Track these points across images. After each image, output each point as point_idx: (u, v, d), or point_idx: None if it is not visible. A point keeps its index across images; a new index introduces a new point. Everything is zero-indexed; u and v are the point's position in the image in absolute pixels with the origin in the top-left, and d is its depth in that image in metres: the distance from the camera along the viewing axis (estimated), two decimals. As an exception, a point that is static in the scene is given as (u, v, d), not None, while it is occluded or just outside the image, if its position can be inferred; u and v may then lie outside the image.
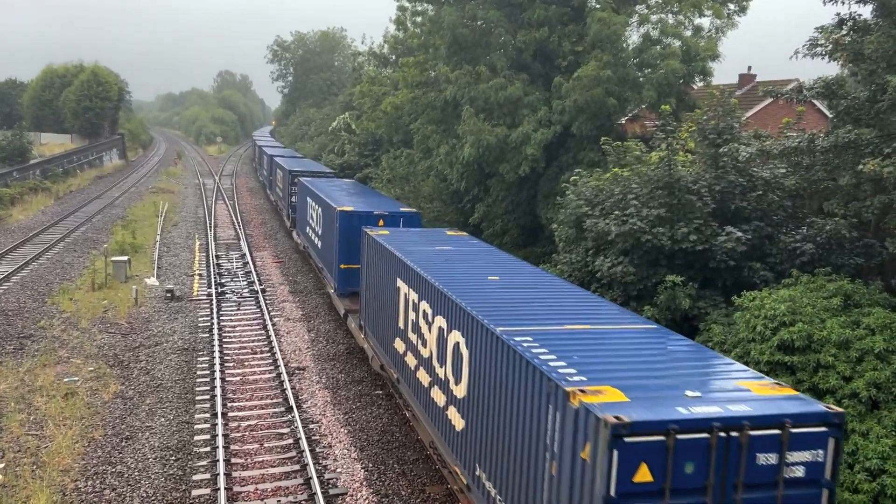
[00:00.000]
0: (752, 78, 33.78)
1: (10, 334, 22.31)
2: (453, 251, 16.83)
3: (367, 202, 25.37)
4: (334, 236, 22.90)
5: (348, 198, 26.16)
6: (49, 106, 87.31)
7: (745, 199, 17.80)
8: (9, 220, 42.99)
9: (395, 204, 26.00)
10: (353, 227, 21.63)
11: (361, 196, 28.15)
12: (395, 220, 22.39)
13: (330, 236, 23.97)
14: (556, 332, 10.38)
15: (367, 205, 24.25)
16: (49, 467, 14.37)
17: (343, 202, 24.28)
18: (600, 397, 7.81)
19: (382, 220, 22.02)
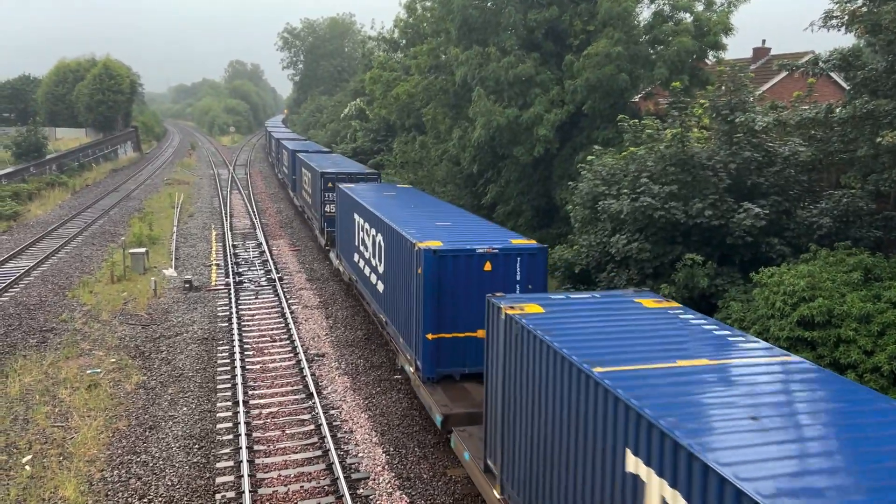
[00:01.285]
0: (767, 51, 33.37)
1: (33, 328, 22.58)
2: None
3: (457, 231, 17.01)
4: (416, 287, 15.29)
5: (423, 221, 18.11)
6: (63, 101, 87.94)
7: (761, 175, 17.64)
8: (27, 216, 43.39)
9: (501, 233, 17.22)
10: (448, 273, 14.70)
11: (439, 215, 19.52)
12: (508, 260, 14.96)
13: (405, 283, 16.27)
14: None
15: (462, 235, 16.25)
16: (75, 458, 14.58)
17: (423, 231, 16.50)
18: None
19: (490, 263, 14.87)
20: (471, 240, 15.68)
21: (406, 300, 16.26)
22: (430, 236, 15.77)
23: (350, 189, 24.37)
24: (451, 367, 15.03)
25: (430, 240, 15.35)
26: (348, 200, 23.32)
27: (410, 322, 15.87)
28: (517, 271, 14.90)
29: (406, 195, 23.95)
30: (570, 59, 24.53)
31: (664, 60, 23.64)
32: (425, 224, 17.59)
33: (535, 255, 15.14)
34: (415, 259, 15.25)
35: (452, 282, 14.66)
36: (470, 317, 14.63)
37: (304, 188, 38.20)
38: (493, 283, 14.50)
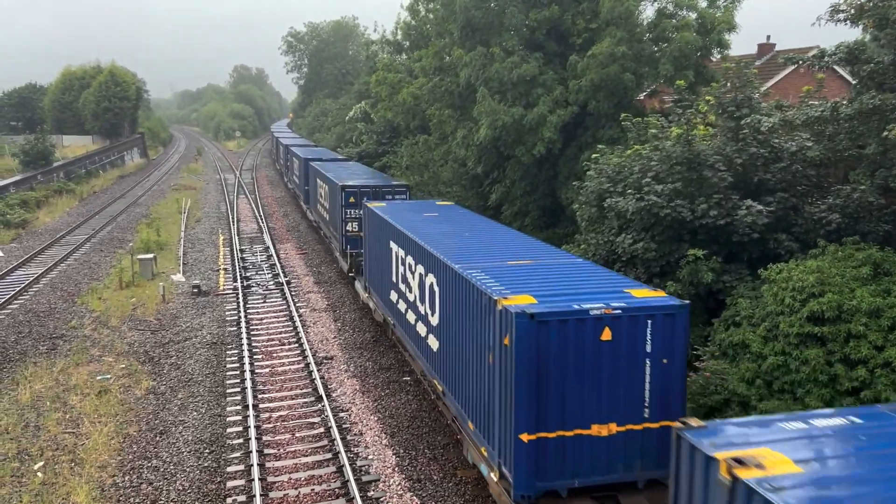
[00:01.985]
0: (772, 47, 33.28)
1: (43, 335, 22.68)
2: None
3: (547, 276, 12.79)
4: (502, 363, 11.00)
5: (490, 257, 14.26)
6: (69, 108, 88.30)
7: (768, 171, 17.57)
8: (36, 223, 43.59)
9: (610, 278, 12.88)
10: (550, 345, 10.56)
11: (506, 247, 15.57)
12: (635, 324, 10.83)
13: (477, 350, 12.12)
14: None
15: (556, 284, 12.18)
16: (87, 464, 14.63)
17: (498, 276, 12.39)
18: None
19: (609, 329, 10.74)
20: (573, 292, 11.51)
21: (482, 377, 11.89)
22: (513, 285, 11.76)
23: (382, 210, 20.15)
24: (557, 479, 10.75)
25: (517, 293, 11.23)
26: (380, 224, 19.48)
27: (491, 411, 11.54)
28: (647, 340, 10.76)
29: (453, 216, 19.78)
30: (574, 58, 24.49)
31: (668, 57, 23.58)
32: (495, 263, 13.60)
33: (674, 317, 10.86)
34: (497, 322, 10.97)
35: (558, 357, 10.54)
36: (581, 406, 10.71)
37: (321, 202, 33.82)
38: (613, 357, 10.70)
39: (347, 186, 26.96)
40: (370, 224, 21.26)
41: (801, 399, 12.58)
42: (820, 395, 12.41)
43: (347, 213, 26.74)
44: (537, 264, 13.71)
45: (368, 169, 36.89)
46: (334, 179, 28.92)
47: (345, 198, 26.80)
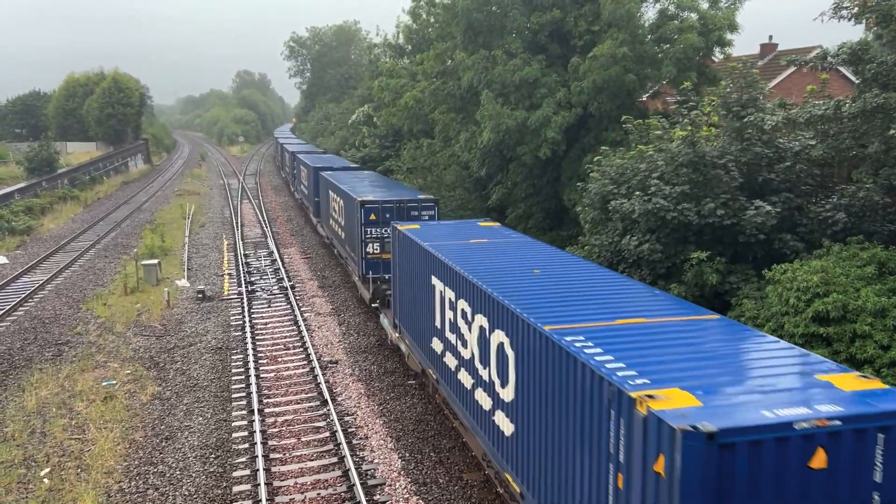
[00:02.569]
0: (774, 47, 33.26)
1: (49, 341, 22.73)
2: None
3: (716, 365, 8.15)
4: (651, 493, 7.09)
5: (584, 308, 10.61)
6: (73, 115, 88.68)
7: (772, 171, 17.55)
8: (40, 230, 43.71)
9: (786, 353, 8.52)
10: (738, 477, 6.67)
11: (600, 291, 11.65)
12: (861, 442, 6.86)
13: (592, 460, 8.33)
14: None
15: (727, 377, 7.83)
16: (93, 470, 14.65)
17: (622, 356, 8.42)
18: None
19: (824, 452, 6.86)
20: (745, 380, 7.76)
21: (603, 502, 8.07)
22: (646, 365, 8.05)
23: (416, 235, 16.63)
24: None
25: (659, 382, 7.55)
26: (416, 252, 16.16)
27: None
28: (876, 465, 6.89)
29: (506, 243, 16.12)
30: (576, 60, 24.50)
31: (671, 59, 23.59)
32: (599, 319, 9.85)
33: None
34: (637, 433, 7.26)
35: (744, 494, 6.71)
36: None
37: (334, 217, 30.56)
38: (828, 495, 6.86)
39: (367, 202, 23.58)
40: (401, 250, 17.81)
41: (807, 399, 12.53)
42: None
43: (368, 233, 23.59)
44: (666, 325, 9.49)
45: (387, 179, 33.39)
46: (350, 193, 25.37)
47: (364, 215, 23.57)
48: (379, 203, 23.62)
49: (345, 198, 26.80)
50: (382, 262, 23.09)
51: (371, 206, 23.60)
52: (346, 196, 26.23)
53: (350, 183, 29.20)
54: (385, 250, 22.68)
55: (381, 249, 23.41)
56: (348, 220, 26.20)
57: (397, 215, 23.17)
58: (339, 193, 28.47)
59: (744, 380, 7.76)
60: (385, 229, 23.08)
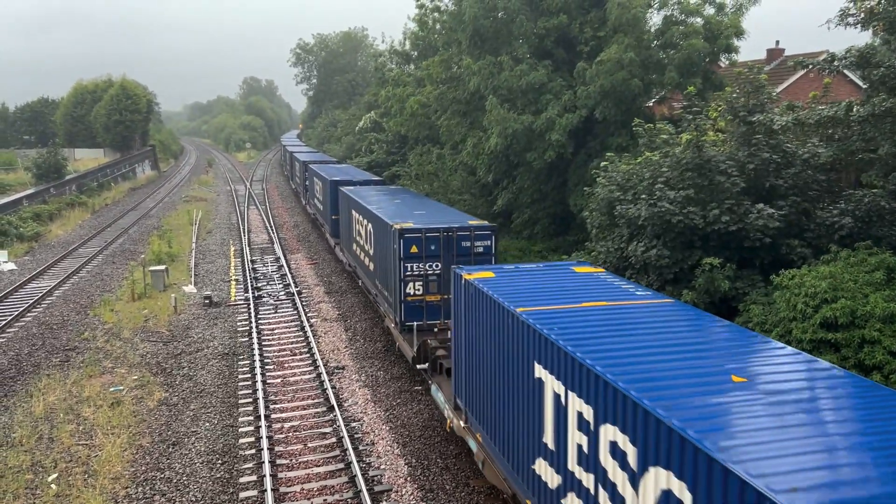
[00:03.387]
0: (781, 52, 33.19)
1: (56, 347, 22.80)
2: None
3: None
4: None
5: None
6: (81, 122, 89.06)
7: (779, 177, 17.51)
8: (49, 236, 43.89)
9: None
10: None
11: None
12: None
13: None
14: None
15: None
16: (100, 475, 14.66)
17: None
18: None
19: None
20: None
21: None
22: None
23: (496, 290, 11.84)
24: None
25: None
26: (502, 318, 11.34)
27: None
28: None
29: (639, 310, 10.77)
30: (582, 66, 24.52)
31: (676, 64, 23.59)
32: None
33: None
34: None
35: None
36: None
37: (359, 243, 25.75)
38: None
39: (407, 231, 18.98)
40: (471, 308, 12.83)
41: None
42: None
43: (408, 269, 18.99)
44: None
45: (423, 198, 27.98)
46: (383, 217, 20.95)
47: (403, 247, 18.92)
48: (422, 231, 19.01)
49: (375, 222, 22.25)
50: (427, 306, 18.80)
51: (412, 236, 18.95)
52: (377, 220, 21.72)
53: (379, 202, 24.88)
54: (430, 291, 18.88)
55: (425, 290, 18.99)
56: (380, 250, 21.50)
57: (445, 247, 18.97)
58: (365, 215, 23.92)
59: None
60: (431, 264, 19.03)
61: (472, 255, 18.85)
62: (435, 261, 18.94)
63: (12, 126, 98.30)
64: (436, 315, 19.00)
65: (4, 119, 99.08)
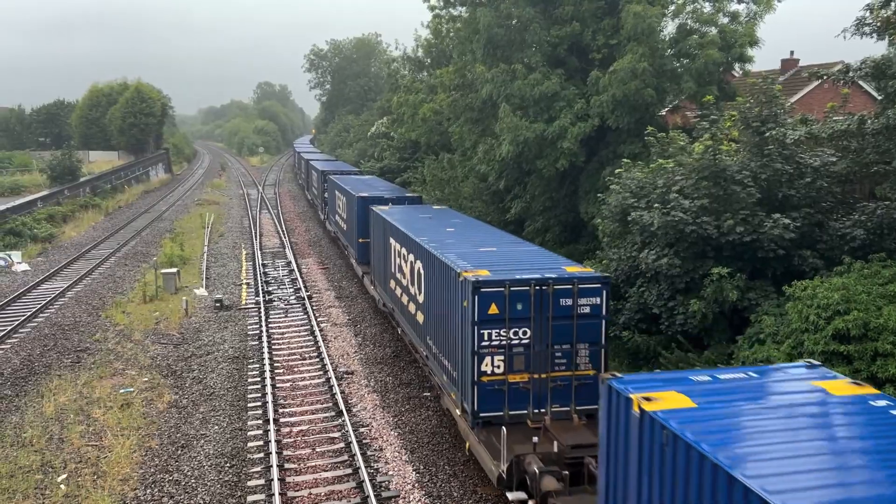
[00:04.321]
0: (796, 63, 33.06)
1: (68, 348, 22.92)
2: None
3: None
4: None
5: None
6: (96, 124, 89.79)
7: (792, 187, 17.42)
8: (62, 238, 44.19)
9: None
10: None
11: None
12: None
13: None
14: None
15: None
16: (109, 477, 14.72)
17: None
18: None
19: None
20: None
21: None
22: None
23: (715, 447, 6.71)
24: None
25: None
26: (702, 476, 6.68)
27: None
28: None
29: None
30: (596, 75, 24.49)
31: (690, 73, 23.53)
32: None
33: None
34: None
35: None
36: None
37: (400, 282, 20.39)
38: None
39: (485, 283, 13.57)
40: (654, 458, 7.56)
41: (827, 418, 12.36)
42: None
43: (485, 338, 13.66)
44: None
45: (482, 225, 22.67)
46: (444, 258, 15.55)
47: (479, 305, 13.55)
48: (505, 284, 13.59)
49: (427, 260, 16.88)
50: (511, 389, 13.72)
51: (491, 291, 13.57)
52: (432, 259, 16.35)
53: (427, 230, 19.52)
54: (514, 368, 13.63)
55: (508, 367, 13.70)
56: (438, 301, 16.12)
57: (537, 306, 13.64)
58: (411, 248, 18.66)
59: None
60: (517, 330, 13.64)
61: (574, 317, 13.68)
62: (522, 325, 13.62)
63: (28, 128, 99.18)
64: (522, 402, 13.79)
65: (21, 121, 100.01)
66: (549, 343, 13.74)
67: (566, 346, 13.81)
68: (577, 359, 13.85)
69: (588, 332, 13.82)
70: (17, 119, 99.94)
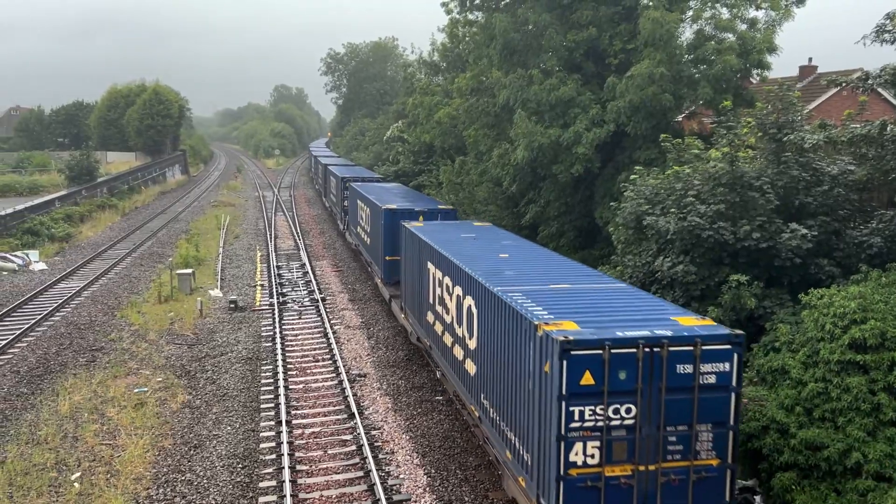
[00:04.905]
0: (814, 69, 32.86)
1: (83, 347, 23.09)
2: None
3: None
4: None
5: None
6: (114, 125, 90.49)
7: (809, 195, 17.30)
8: (79, 237, 44.55)
9: None
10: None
11: None
12: None
13: None
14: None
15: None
16: (122, 476, 14.80)
17: None
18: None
19: None
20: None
21: None
22: None
23: None
24: None
25: None
26: None
27: None
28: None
29: None
30: (613, 80, 24.44)
31: (708, 79, 23.43)
32: None
33: None
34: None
35: None
36: None
37: (441, 318, 16.98)
38: None
39: (577, 344, 10.04)
40: None
41: (842, 428, 12.26)
42: (862, 425, 12.09)
43: (575, 417, 10.17)
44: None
45: (544, 251, 18.39)
46: (513, 304, 11.89)
47: (567, 373, 10.07)
48: (604, 346, 10.10)
49: (486, 300, 13.28)
50: (610, 487, 10.39)
51: (584, 354, 10.08)
52: (493, 301, 12.79)
53: (484, 260, 15.73)
54: (614, 459, 10.37)
55: (606, 457, 10.36)
56: (500, 353, 12.54)
57: (647, 373, 10.25)
58: (461, 281, 15.10)
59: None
60: (619, 407, 10.26)
61: (695, 388, 10.34)
62: (625, 400, 10.25)
63: (47, 128, 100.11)
64: None
65: (40, 121, 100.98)
66: (660, 424, 10.28)
67: (683, 429, 10.39)
68: (697, 444, 10.47)
69: (712, 409, 10.40)
70: (36, 120, 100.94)
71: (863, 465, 11.72)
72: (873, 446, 11.79)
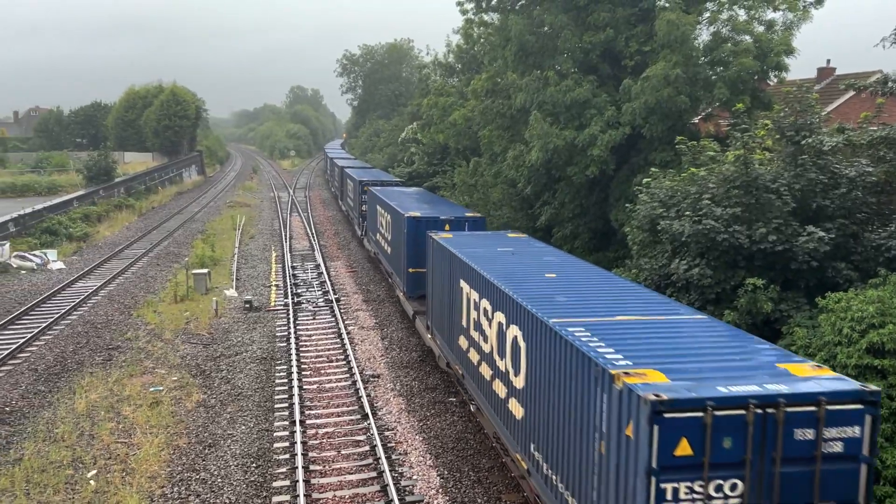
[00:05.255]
0: (832, 71, 32.59)
1: (100, 346, 23.27)
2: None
3: None
4: None
5: None
6: (131, 126, 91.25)
7: (826, 198, 17.14)
8: (96, 237, 44.92)
9: None
10: None
11: None
12: None
13: None
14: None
15: None
16: (138, 474, 14.91)
17: None
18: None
19: None
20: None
21: None
22: None
23: None
24: None
25: None
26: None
27: None
28: None
29: None
30: (628, 82, 24.34)
31: (724, 81, 23.28)
32: None
33: None
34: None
35: None
36: None
37: (484, 349, 14.46)
38: None
39: (669, 406, 7.74)
40: None
41: (859, 433, 12.13)
42: (881, 431, 11.97)
43: (668, 497, 7.90)
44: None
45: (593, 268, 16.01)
46: (578, 345, 9.66)
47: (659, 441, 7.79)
48: (705, 408, 7.88)
49: (538, 334, 11.23)
50: None
51: (680, 417, 7.86)
52: (549, 336, 10.73)
53: (529, 282, 13.57)
54: None
55: None
56: (558, 398, 10.44)
57: (758, 440, 8.11)
58: (503, 306, 13.07)
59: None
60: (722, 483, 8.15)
61: (816, 459, 8.22)
62: (731, 474, 8.17)
63: (66, 129, 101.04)
64: None
65: (59, 122, 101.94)
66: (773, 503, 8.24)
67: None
68: None
69: (838, 485, 8.25)
70: (55, 120, 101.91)
71: (881, 471, 11.61)
72: (891, 452, 11.67)
